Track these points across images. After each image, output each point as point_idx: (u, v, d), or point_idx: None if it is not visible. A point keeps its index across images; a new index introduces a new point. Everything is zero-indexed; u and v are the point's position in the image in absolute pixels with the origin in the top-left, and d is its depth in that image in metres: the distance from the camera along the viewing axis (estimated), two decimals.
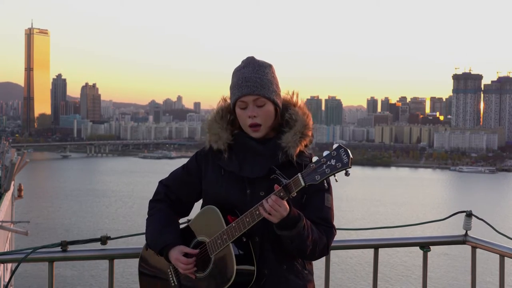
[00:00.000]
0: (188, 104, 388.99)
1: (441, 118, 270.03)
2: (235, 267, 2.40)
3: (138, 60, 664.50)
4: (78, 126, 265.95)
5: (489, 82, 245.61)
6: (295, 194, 2.30)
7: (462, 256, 36.14)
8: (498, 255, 3.37)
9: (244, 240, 2.46)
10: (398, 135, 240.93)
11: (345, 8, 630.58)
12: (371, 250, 3.45)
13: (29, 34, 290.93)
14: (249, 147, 2.55)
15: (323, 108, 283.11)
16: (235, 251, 2.43)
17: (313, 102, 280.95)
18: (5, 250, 13.23)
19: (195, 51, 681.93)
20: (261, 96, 2.50)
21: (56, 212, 67.81)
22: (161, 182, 2.77)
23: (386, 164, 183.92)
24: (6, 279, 21.37)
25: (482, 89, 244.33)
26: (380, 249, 3.44)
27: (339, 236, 3.64)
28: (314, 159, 2.27)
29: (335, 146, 2.26)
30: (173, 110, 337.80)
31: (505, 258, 3.33)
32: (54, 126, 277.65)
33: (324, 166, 2.23)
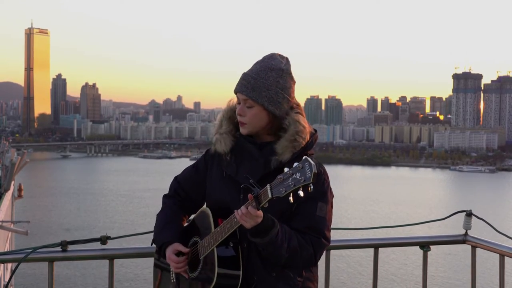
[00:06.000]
0: (188, 104, 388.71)
1: (441, 117, 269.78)
2: (216, 270, 2.40)
3: (138, 60, 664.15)
4: (78, 126, 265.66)
5: (489, 82, 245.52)
6: (267, 205, 2.21)
7: (462, 255, 36.12)
8: (498, 255, 3.37)
9: (231, 244, 2.44)
10: (398, 135, 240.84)
11: (345, 8, 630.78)
12: (371, 250, 3.46)
13: (29, 34, 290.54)
14: (246, 151, 2.54)
15: (323, 107, 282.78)
16: (220, 254, 2.42)
17: (313, 102, 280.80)
18: (5, 250, 13.21)
19: (194, 51, 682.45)
20: (249, 98, 2.48)
21: (56, 211, 67.79)
22: (175, 178, 2.79)
23: (386, 163, 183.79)
24: (6, 279, 21.37)
25: (482, 88, 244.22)
26: (380, 249, 3.45)
27: (339, 235, 3.65)
28: (285, 170, 2.16)
29: (303, 158, 2.15)
30: (173, 110, 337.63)
31: (505, 257, 3.34)
32: (54, 126, 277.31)
33: (290, 179, 2.13)
